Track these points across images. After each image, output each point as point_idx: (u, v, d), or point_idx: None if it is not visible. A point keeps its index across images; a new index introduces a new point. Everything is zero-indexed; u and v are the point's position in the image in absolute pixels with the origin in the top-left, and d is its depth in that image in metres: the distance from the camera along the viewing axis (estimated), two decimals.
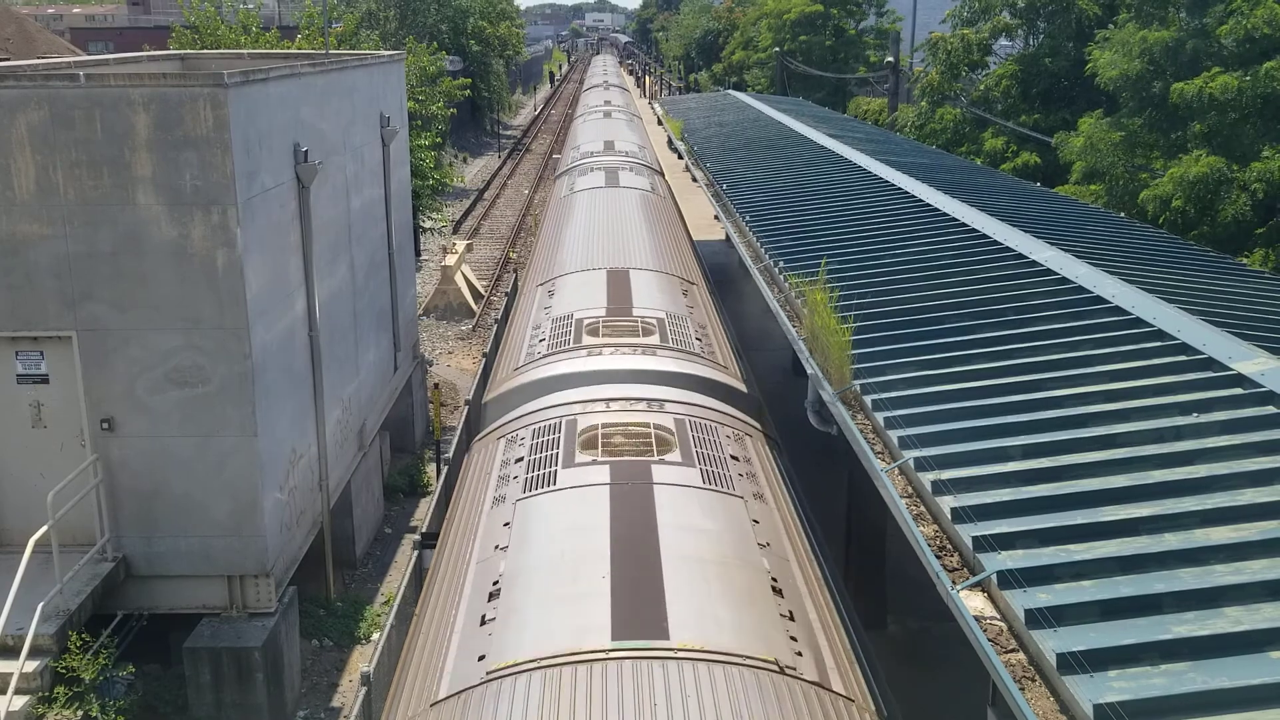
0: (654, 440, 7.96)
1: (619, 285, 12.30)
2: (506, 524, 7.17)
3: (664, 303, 11.81)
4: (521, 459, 8.01)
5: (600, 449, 7.85)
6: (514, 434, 8.64)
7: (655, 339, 10.32)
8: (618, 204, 17.99)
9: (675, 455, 7.79)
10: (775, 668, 5.50)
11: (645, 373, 9.41)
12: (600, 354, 9.86)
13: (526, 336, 11.26)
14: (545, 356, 10.13)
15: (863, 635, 6.77)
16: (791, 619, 6.12)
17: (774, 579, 6.51)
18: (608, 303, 11.53)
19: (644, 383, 9.18)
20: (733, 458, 8.09)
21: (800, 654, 5.78)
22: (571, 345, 10.24)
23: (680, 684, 5.15)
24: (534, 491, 7.48)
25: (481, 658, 5.71)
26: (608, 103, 41.12)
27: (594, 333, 10.48)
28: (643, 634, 5.57)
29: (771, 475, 8.35)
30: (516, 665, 5.48)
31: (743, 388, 10.15)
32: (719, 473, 7.72)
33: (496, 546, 6.92)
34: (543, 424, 8.51)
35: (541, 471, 7.71)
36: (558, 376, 9.54)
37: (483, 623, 6.08)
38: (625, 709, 4.98)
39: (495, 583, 6.43)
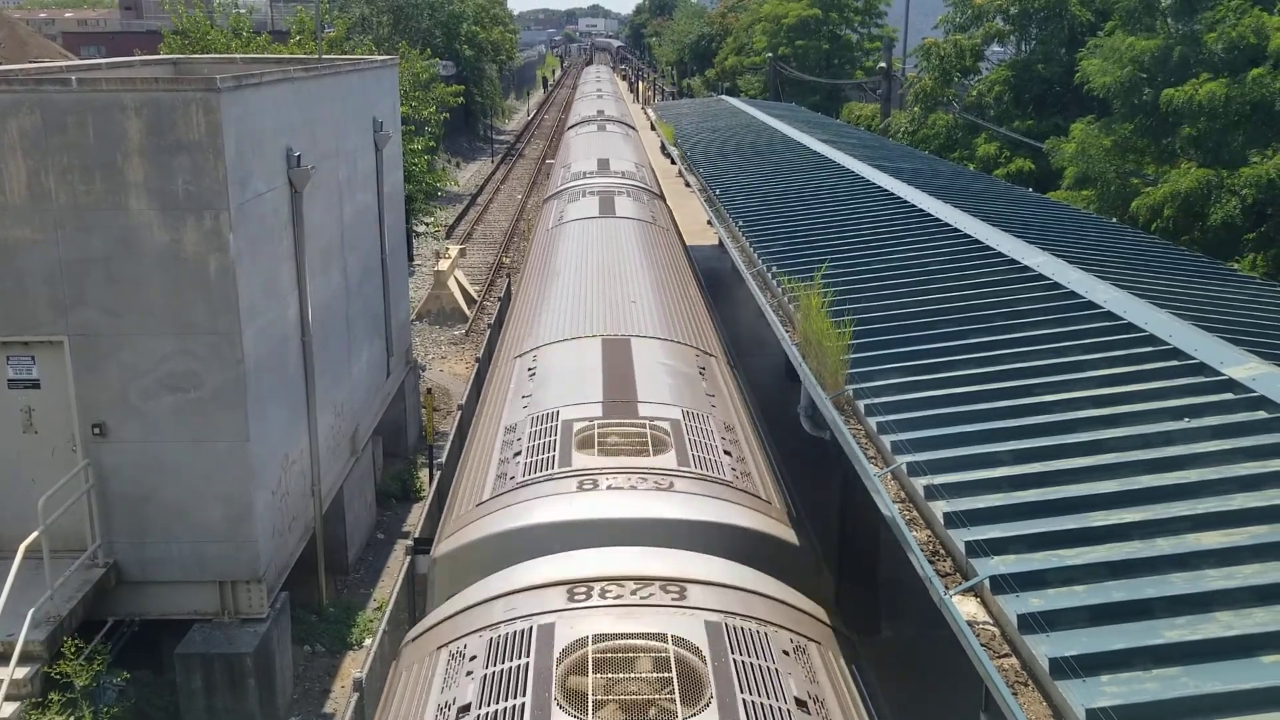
0: (675, 676, 5.21)
1: (618, 364, 9.78)
2: None
3: (678, 393, 9.27)
4: (467, 708, 5.20)
5: (591, 708, 5.01)
6: (460, 647, 5.93)
7: (670, 459, 7.79)
8: (614, 241, 15.31)
9: (711, 713, 4.98)
10: None
11: (657, 526, 6.93)
12: (595, 487, 7.34)
13: (497, 445, 8.67)
14: (520, 486, 7.60)
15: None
16: None
17: None
18: (605, 394, 9.04)
19: (656, 543, 6.74)
20: (798, 704, 5.23)
21: None
22: (556, 468, 7.68)
23: None
24: None
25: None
26: (601, 113, 38.77)
27: (587, 446, 7.96)
28: None
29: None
30: None
31: (794, 539, 7.46)
32: None
33: None
34: (504, 635, 5.78)
35: None
36: (534, 528, 7.05)
37: None
38: None
39: None
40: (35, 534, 10.27)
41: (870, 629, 11.51)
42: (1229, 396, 6.57)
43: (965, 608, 5.23)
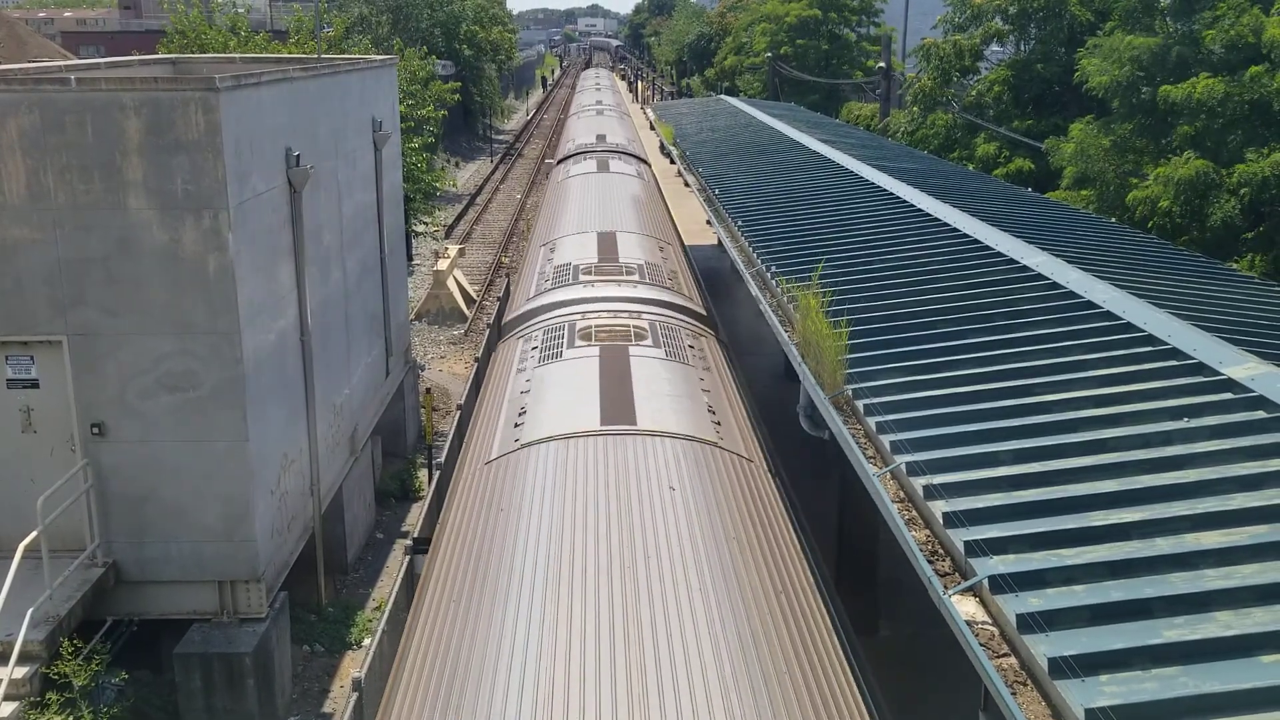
0: (632, 333, 11.33)
1: (608, 242, 15.80)
2: (528, 381, 10.54)
3: (644, 252, 15.44)
4: (535, 348, 11.48)
5: (593, 338, 11.22)
6: (529, 334, 12.19)
7: (636, 278, 13.80)
8: (608, 184, 21.39)
9: (648, 342, 11.14)
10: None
11: (627, 298, 12.84)
12: (593, 286, 13.30)
13: (534, 280, 14.64)
14: (549, 290, 13.62)
15: (759, 421, 10.54)
16: (719, 425, 9.39)
17: (710, 407, 9.76)
18: (598, 255, 14.98)
19: (626, 304, 12.60)
20: (689, 347, 11.48)
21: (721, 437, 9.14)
22: (570, 282, 13.64)
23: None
24: (545, 363, 10.94)
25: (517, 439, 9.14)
26: (599, 102, 44.70)
27: (588, 273, 13.87)
28: (619, 421, 8.94)
29: (718, 359, 11.87)
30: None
31: (702, 311, 13.75)
32: (678, 353, 11.06)
33: (521, 392, 10.30)
34: (551, 325, 12.10)
35: (550, 351, 11.17)
36: (560, 301, 12.87)
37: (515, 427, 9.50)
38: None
39: (521, 410, 9.76)
40: (34, 534, 10.26)
41: (869, 629, 11.51)
42: (1228, 396, 6.57)
43: (964, 607, 5.23)
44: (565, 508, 7.52)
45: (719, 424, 9.40)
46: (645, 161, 27.63)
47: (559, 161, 27.51)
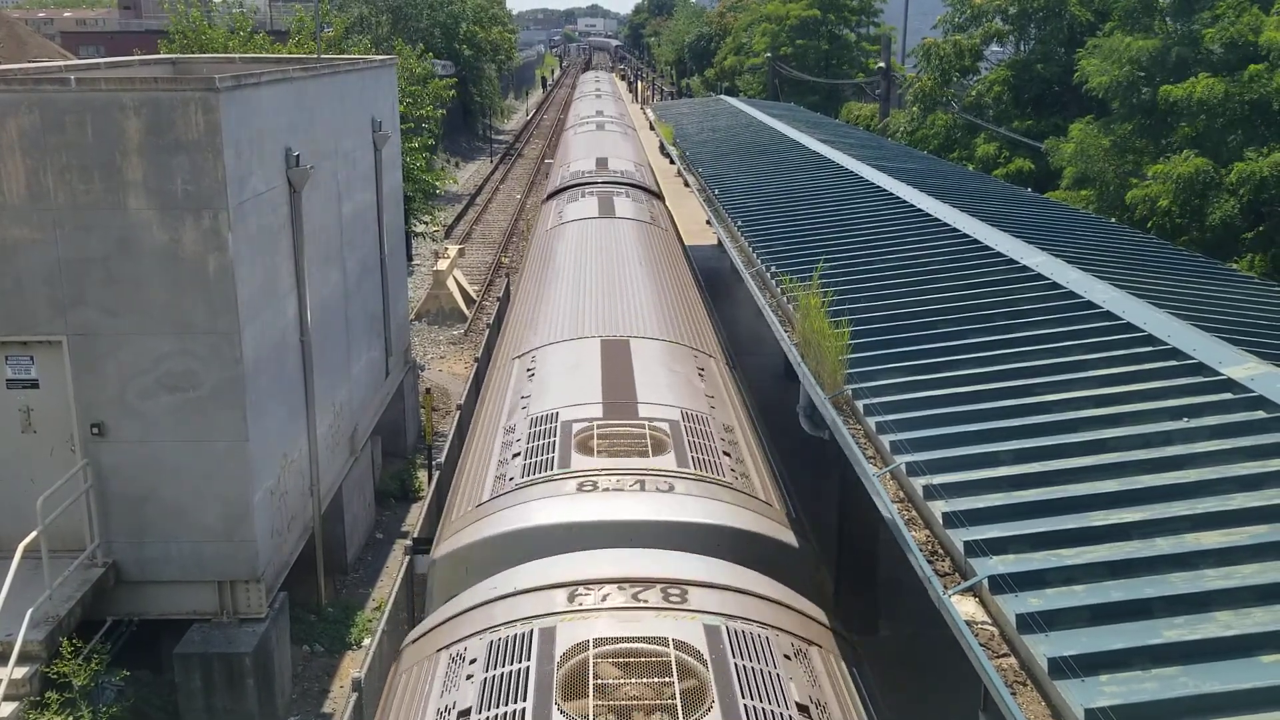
0: (675, 678, 5.16)
1: (617, 365, 9.73)
2: None
3: (677, 394, 9.20)
4: (467, 713, 5.16)
5: (591, 709, 4.98)
6: (460, 650, 5.90)
7: (670, 460, 7.75)
8: (613, 241, 15.37)
9: (714, 715, 4.95)
10: None
11: (658, 528, 6.90)
12: (594, 488, 7.32)
13: (496, 446, 8.65)
14: (519, 488, 7.56)
15: None
16: None
17: None
18: (604, 395, 8.97)
19: (656, 545, 6.72)
20: (799, 709, 5.15)
21: None
22: (556, 470, 7.65)
23: None
24: None
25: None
26: (600, 113, 38.89)
27: (586, 448, 7.93)
28: None
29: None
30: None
31: (794, 541, 7.41)
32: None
33: None
34: (504, 638, 5.73)
35: None
36: (533, 530, 7.02)
37: None
38: None
39: None
40: (34, 534, 10.26)
41: (869, 629, 11.51)
42: (1228, 396, 6.57)
43: (964, 607, 5.23)
44: None
45: None
46: (659, 195, 21.83)
47: (549, 197, 21.34)
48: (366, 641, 13.15)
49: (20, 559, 10.11)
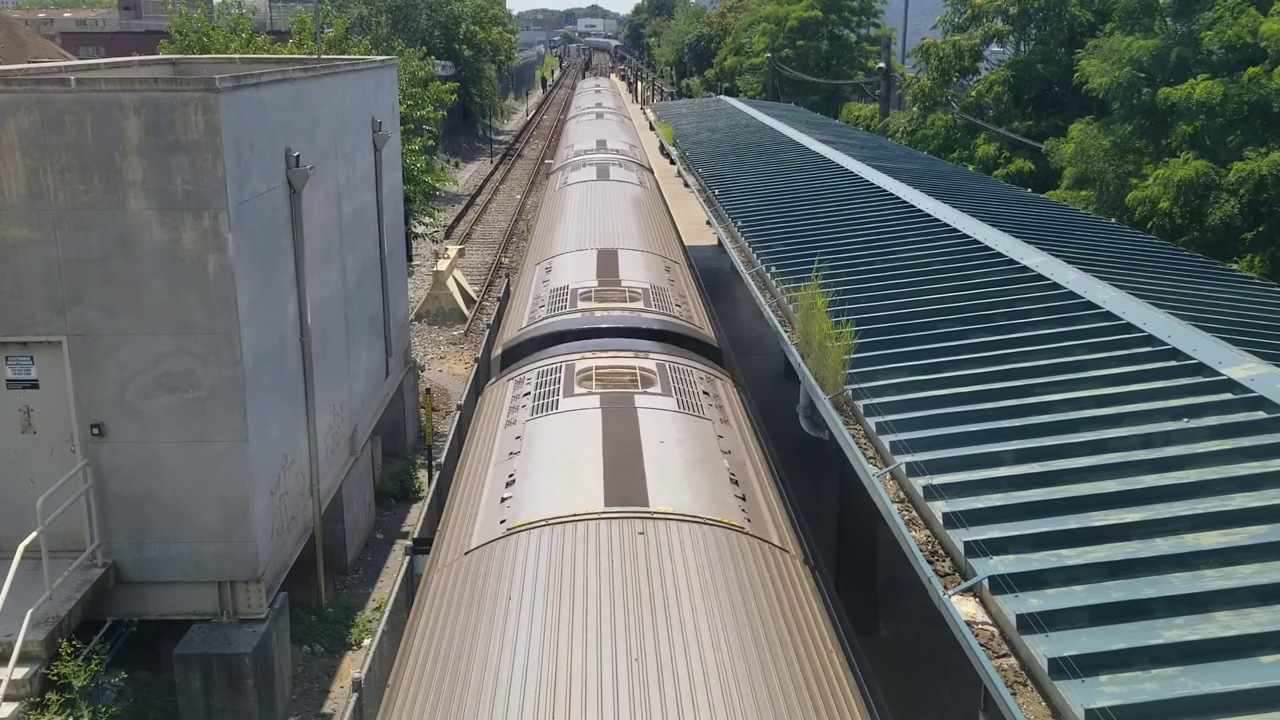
0: (639, 379, 9.52)
1: (608, 262, 13.86)
2: (518, 438, 8.74)
3: (648, 276, 13.41)
4: (529, 393, 9.64)
5: (594, 384, 9.42)
6: (521, 376, 10.26)
7: (640, 304, 12.01)
8: (608, 195, 19.29)
9: (656, 389, 9.34)
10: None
11: (631, 329, 11.09)
12: (593, 314, 11.64)
13: (528, 305, 12.72)
14: (545, 319, 11.73)
15: (796, 504, 8.65)
16: (744, 500, 7.65)
17: (732, 474, 8.04)
18: (598, 276, 13.10)
19: (630, 336, 10.84)
20: (704, 393, 9.65)
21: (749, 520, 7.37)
22: (568, 309, 11.87)
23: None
24: (539, 415, 9.10)
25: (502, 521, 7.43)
26: (599, 105, 41.43)
27: (587, 299, 12.10)
28: (629, 501, 7.15)
29: (735, 407, 9.96)
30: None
31: (714, 343, 11.90)
32: (691, 402, 9.26)
33: (510, 454, 8.52)
34: (546, 368, 10.11)
35: (545, 401, 9.34)
36: (557, 333, 11.18)
37: (501, 501, 7.73)
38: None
39: (510, 475, 8.04)
40: (34, 534, 10.25)
41: (869, 628, 11.51)
42: (1228, 396, 6.57)
43: (964, 608, 5.23)
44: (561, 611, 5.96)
45: (744, 499, 7.68)
46: (648, 169, 25.76)
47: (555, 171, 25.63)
48: (366, 642, 13.15)
49: (20, 559, 10.11)
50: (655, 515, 6.94)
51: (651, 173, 25.34)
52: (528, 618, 5.95)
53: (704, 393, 9.63)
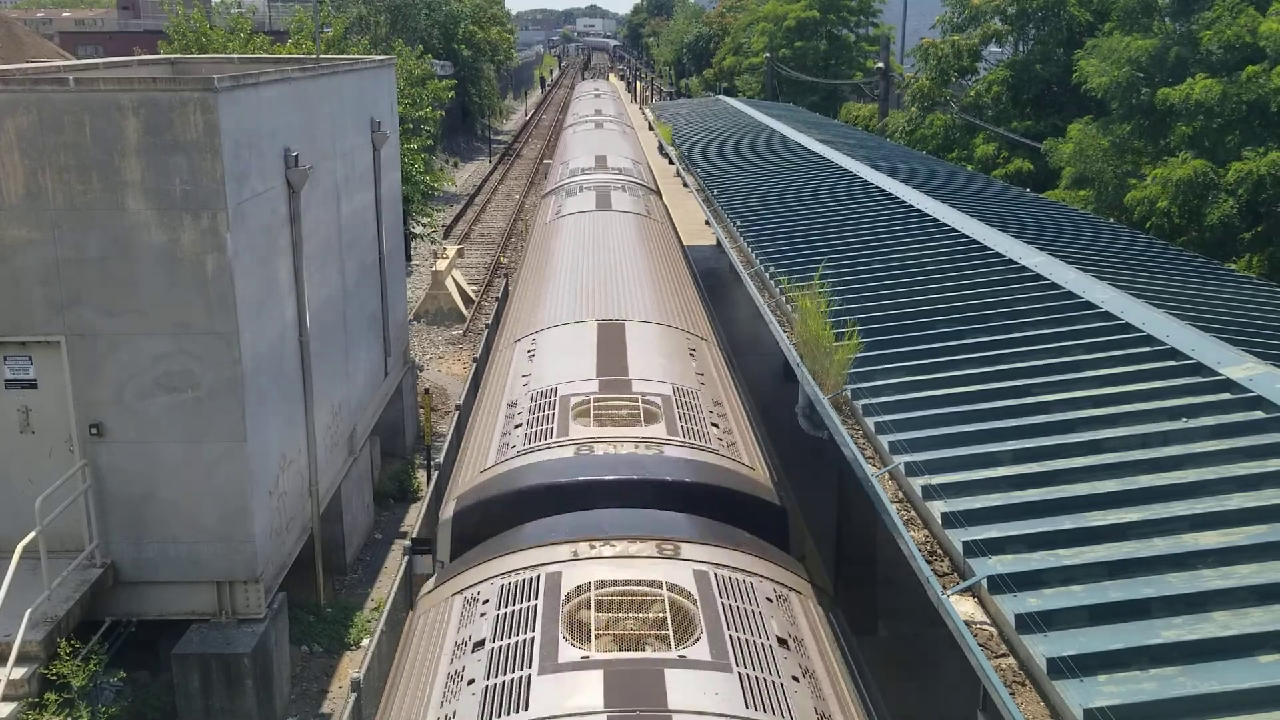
0: (670, 619, 5.54)
1: (613, 344, 10.19)
2: None
3: (668, 370, 9.67)
4: (482, 643, 5.58)
5: (594, 639, 5.42)
6: (474, 593, 6.31)
7: (661, 429, 8.14)
8: (610, 233, 15.76)
9: (701, 647, 5.32)
10: None
11: (651, 487, 7.39)
12: (593, 451, 7.81)
13: (500, 419, 9.04)
14: (521, 454, 7.96)
15: None
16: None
17: None
18: (599, 371, 9.44)
19: (650, 503, 7.16)
20: (779, 642, 5.60)
21: None
22: (555, 438, 8.06)
23: None
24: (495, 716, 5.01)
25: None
26: (598, 111, 39.22)
27: (583, 418, 8.35)
28: None
29: (834, 668, 5.88)
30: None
31: (776, 500, 7.87)
32: (762, 678, 5.20)
33: None
34: (514, 582, 6.16)
35: (509, 676, 5.22)
36: (536, 490, 7.49)
37: None
38: None
39: None
40: (33, 534, 10.25)
41: (868, 629, 11.51)
42: (1226, 396, 6.57)
43: (963, 608, 5.23)
44: None
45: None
46: (656, 191, 22.18)
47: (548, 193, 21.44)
48: (365, 642, 13.15)
49: (19, 559, 10.10)
50: None
51: (659, 195, 21.94)
52: None
53: (778, 641, 5.58)
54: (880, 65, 35.35)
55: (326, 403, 14.13)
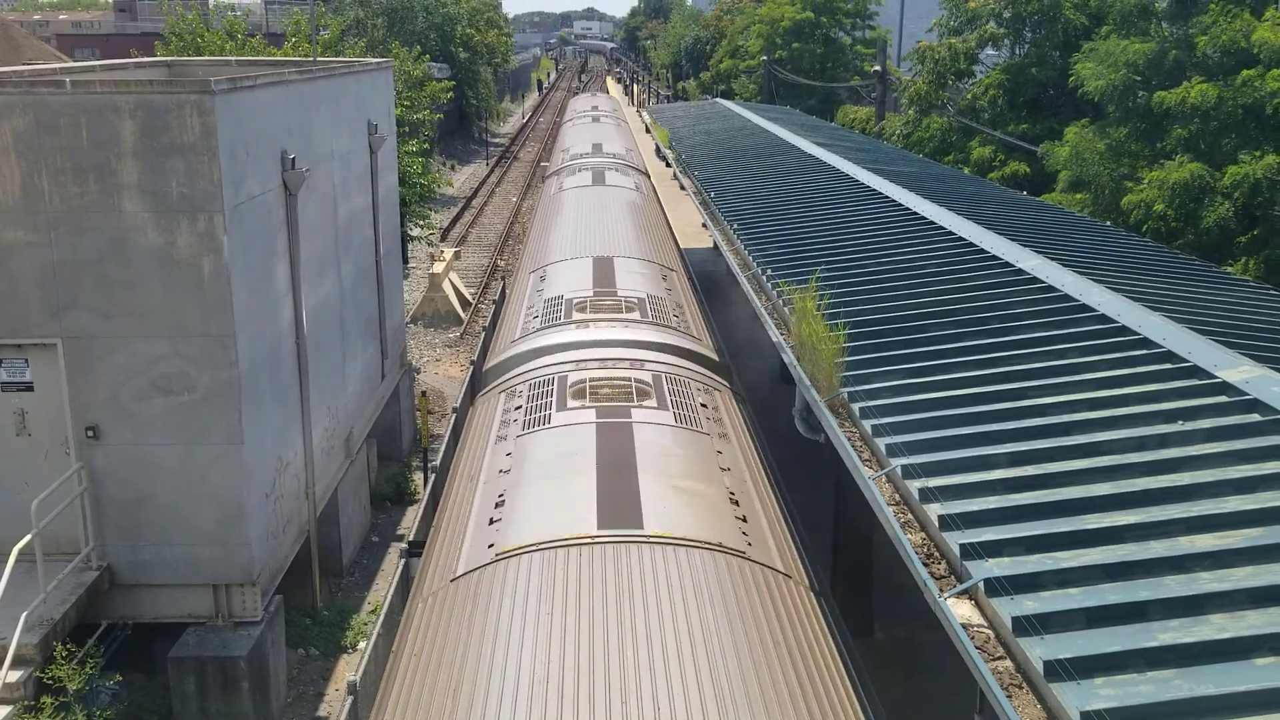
0: (634, 391, 9.21)
1: (605, 270, 13.51)
2: (509, 454, 8.48)
3: (645, 284, 13.10)
4: (520, 406, 9.36)
5: (588, 398, 9.10)
6: (512, 388, 9.99)
7: (637, 315, 11.60)
8: (604, 200, 18.91)
9: (652, 402, 9.09)
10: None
11: (628, 341, 10.76)
12: (588, 327, 11.19)
13: (521, 314, 12.45)
14: (538, 331, 11.41)
15: (802, 529, 8.29)
16: (745, 521, 7.38)
17: (732, 493, 7.75)
18: (594, 285, 12.79)
19: (627, 349, 10.54)
20: (702, 405, 9.37)
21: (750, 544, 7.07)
22: (562, 320, 11.52)
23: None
24: (531, 430, 8.82)
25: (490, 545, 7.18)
26: (595, 107, 40.55)
27: (582, 310, 11.72)
28: (622, 524, 6.92)
29: (735, 420, 9.69)
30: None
31: (714, 355, 11.53)
32: (689, 416, 9.00)
33: (500, 471, 8.24)
34: (538, 378, 9.87)
35: (538, 415, 9.03)
36: (550, 346, 10.83)
37: (490, 522, 7.49)
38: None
39: (500, 494, 7.79)
40: (28, 537, 10.23)
41: (864, 631, 11.51)
42: (1222, 399, 6.58)
43: (960, 610, 5.23)
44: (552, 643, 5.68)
45: (744, 520, 7.38)
46: (644, 172, 25.69)
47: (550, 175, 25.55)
48: (362, 645, 13.13)
49: (14, 562, 10.08)
50: (651, 539, 6.63)
51: (648, 177, 25.14)
52: (516, 651, 5.67)
53: (702, 404, 9.42)
54: (877, 68, 35.39)
55: (323, 405, 14.11)
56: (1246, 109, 17.37)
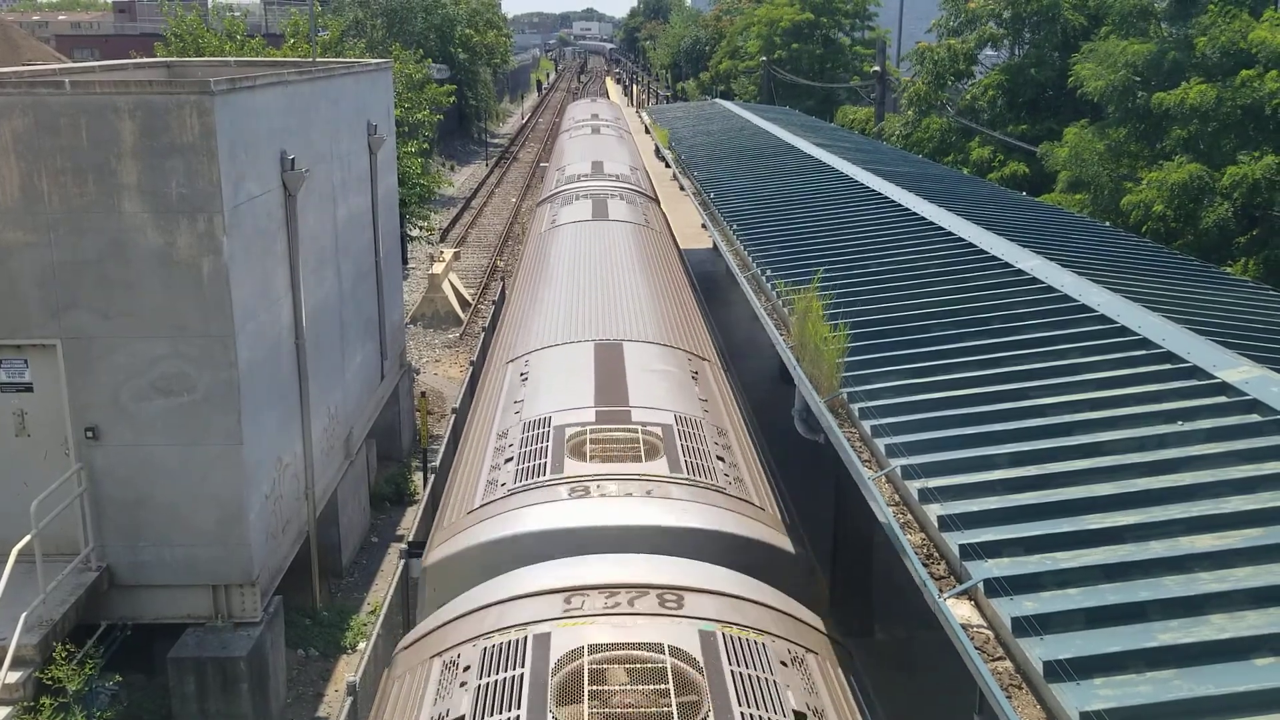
0: (672, 681, 5.12)
1: (611, 368, 9.64)
2: None
3: (670, 397, 9.05)
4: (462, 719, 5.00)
5: (586, 715, 4.87)
6: (453, 657, 5.75)
7: (663, 465, 7.59)
8: (607, 241, 15.19)
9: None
10: None
11: (650, 533, 6.79)
12: (587, 495, 7.18)
13: (489, 451, 8.48)
14: (511, 494, 7.41)
15: None
16: None
17: None
18: (597, 398, 8.84)
19: (649, 550, 6.63)
20: (797, 715, 5.05)
21: None
22: (549, 475, 7.51)
23: None
24: None
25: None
26: (595, 115, 37.08)
27: (578, 452, 7.79)
28: None
29: None
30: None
31: (790, 547, 7.14)
32: None
33: None
34: (498, 644, 5.59)
35: None
36: (525, 536, 6.90)
37: None
38: None
39: None
40: (28, 537, 10.23)
41: (864, 631, 11.51)
42: (1222, 400, 6.58)
43: (959, 611, 5.23)
44: None
45: None
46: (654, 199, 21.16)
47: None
48: (361, 645, 13.13)
49: (14, 563, 10.08)
50: None
51: (658, 203, 21.08)
52: None
53: (795, 716, 5.07)
54: (876, 69, 35.40)
55: (323, 406, 14.11)
56: (1245, 109, 17.39)
